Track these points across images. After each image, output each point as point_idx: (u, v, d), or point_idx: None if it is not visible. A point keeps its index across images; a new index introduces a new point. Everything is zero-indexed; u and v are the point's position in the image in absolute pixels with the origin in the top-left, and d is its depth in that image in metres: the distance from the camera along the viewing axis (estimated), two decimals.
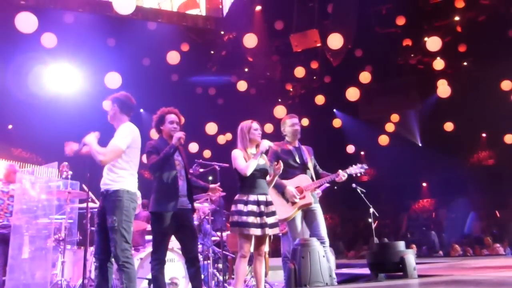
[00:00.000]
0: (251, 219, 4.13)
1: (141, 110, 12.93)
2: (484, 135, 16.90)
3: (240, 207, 4.20)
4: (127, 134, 3.87)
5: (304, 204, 4.60)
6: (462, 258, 9.01)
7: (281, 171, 4.34)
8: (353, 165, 4.77)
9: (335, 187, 5.68)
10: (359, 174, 4.80)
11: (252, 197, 4.22)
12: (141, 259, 5.13)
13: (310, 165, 4.83)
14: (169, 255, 4.86)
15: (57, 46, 9.09)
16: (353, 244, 16.33)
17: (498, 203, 16.64)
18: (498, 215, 16.53)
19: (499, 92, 12.39)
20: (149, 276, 4.48)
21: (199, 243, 5.98)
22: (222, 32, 12.79)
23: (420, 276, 4.08)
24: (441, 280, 3.45)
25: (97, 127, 4.04)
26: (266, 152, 4.53)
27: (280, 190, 4.63)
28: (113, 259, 3.82)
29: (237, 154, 4.35)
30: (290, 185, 4.63)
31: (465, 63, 14.02)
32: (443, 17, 12.48)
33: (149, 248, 5.11)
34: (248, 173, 4.21)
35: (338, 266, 6.00)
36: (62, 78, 10.22)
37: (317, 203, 4.75)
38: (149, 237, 5.79)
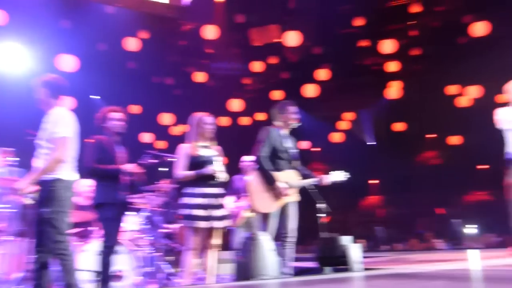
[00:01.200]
0: (198, 211, 4.13)
1: (95, 97, 12.57)
2: (431, 136, 17.63)
3: (187, 199, 4.20)
4: (66, 120, 3.71)
5: (289, 202, 4.52)
6: (406, 252, 9.41)
7: None
8: (335, 171, 4.80)
9: None
10: (339, 181, 4.82)
11: (201, 190, 4.22)
12: (86, 250, 5.00)
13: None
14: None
15: (8, 24, 8.67)
16: (303, 238, 16.64)
17: (441, 201, 17.45)
18: (440, 212, 17.32)
19: (447, 96, 12.97)
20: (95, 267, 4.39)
21: (149, 235, 5.92)
22: (183, 22, 12.61)
23: (364, 269, 4.24)
24: (383, 273, 3.60)
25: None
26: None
27: (270, 183, 4.39)
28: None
29: (180, 152, 4.36)
30: (278, 179, 4.44)
31: (417, 67, 14.51)
32: (399, 21, 12.86)
33: (94, 239, 4.99)
34: (179, 178, 4.32)
35: None
36: (10, 57, 9.74)
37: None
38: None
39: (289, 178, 4.46)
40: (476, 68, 12.03)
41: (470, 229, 15.10)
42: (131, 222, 5.62)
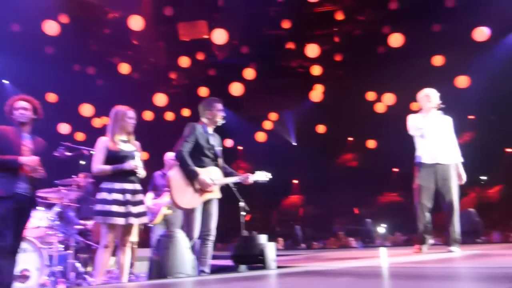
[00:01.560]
0: (114, 208, 4.02)
1: (6, 81, 11.71)
2: (350, 139, 18.47)
3: (105, 195, 4.07)
4: None
5: (212, 198, 4.44)
6: (322, 251, 9.78)
7: None
8: (259, 172, 4.81)
9: None
10: (261, 181, 4.83)
11: (118, 185, 4.11)
12: None
13: (220, 155, 4.62)
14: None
15: None
16: (224, 236, 16.70)
17: (357, 202, 18.34)
18: (356, 212, 18.20)
19: (366, 101, 13.65)
20: None
21: (60, 231, 5.64)
22: (108, 9, 12.09)
23: (278, 267, 4.34)
24: (296, 271, 3.71)
25: None
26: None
27: (192, 178, 4.27)
28: None
29: (100, 145, 4.23)
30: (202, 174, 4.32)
31: (339, 72, 15.09)
32: (324, 27, 13.29)
33: None
34: (96, 174, 4.21)
35: None
36: None
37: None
38: None
39: (211, 175, 4.40)
40: (392, 76, 12.77)
41: (382, 228, 16.04)
42: (38, 218, 5.33)
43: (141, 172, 4.31)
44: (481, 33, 10.07)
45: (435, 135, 5.16)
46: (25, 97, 4.11)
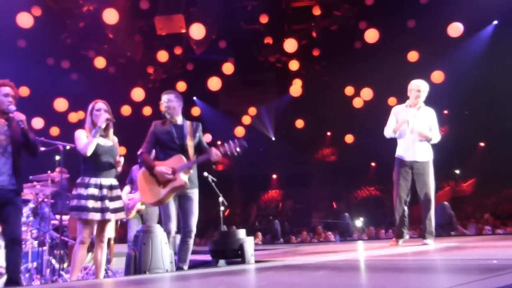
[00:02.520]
0: (91, 203, 3.96)
1: None
2: (329, 133, 18.63)
3: (81, 190, 4.01)
4: None
5: (177, 186, 4.15)
6: (299, 245, 9.83)
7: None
8: (230, 142, 4.30)
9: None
10: (235, 153, 4.29)
11: (94, 180, 4.06)
12: None
13: (190, 144, 4.36)
14: None
15: None
16: (203, 231, 16.68)
17: (335, 196, 18.53)
18: (334, 206, 18.40)
19: (344, 96, 13.75)
20: None
21: (35, 228, 5.53)
22: (81, 2, 11.84)
23: (256, 261, 4.35)
24: (274, 265, 3.73)
25: None
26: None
27: (152, 172, 4.19)
28: None
29: (79, 135, 4.17)
30: (162, 166, 4.19)
31: (317, 67, 15.16)
32: (301, 22, 13.32)
33: None
34: (88, 152, 4.05)
35: None
36: None
37: (194, 188, 4.36)
38: None
39: (175, 164, 4.24)
40: (368, 71, 12.92)
41: (359, 222, 16.23)
42: None
43: (118, 168, 4.26)
44: (455, 29, 10.24)
45: (412, 132, 5.22)
46: (10, 83, 3.98)
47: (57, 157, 6.52)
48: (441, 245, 5.09)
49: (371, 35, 10.73)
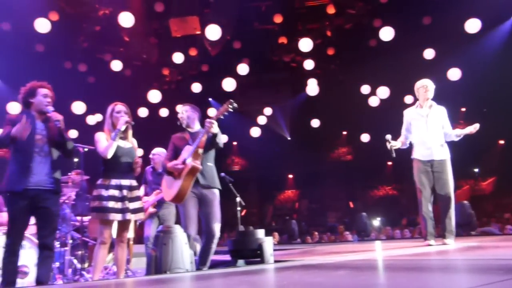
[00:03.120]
0: (111, 204, 4.01)
1: None
2: (344, 133, 18.52)
3: (101, 191, 4.06)
4: None
5: (188, 170, 4.27)
6: (317, 245, 9.81)
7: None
8: (220, 106, 4.49)
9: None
10: (226, 114, 4.42)
11: (114, 181, 4.11)
12: None
13: (201, 150, 4.39)
14: None
15: None
16: (221, 231, 16.75)
17: (351, 195, 18.43)
18: (351, 205, 18.30)
19: (360, 95, 13.66)
20: None
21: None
22: (98, 6, 12.01)
23: (275, 261, 4.36)
24: (292, 265, 3.73)
25: None
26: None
27: (168, 173, 4.49)
28: None
29: (99, 137, 4.23)
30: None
31: (332, 66, 15.10)
32: (315, 21, 13.30)
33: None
34: (109, 155, 4.11)
35: None
36: None
37: (213, 188, 4.48)
38: None
39: (184, 154, 4.44)
40: (384, 69, 12.81)
41: (376, 222, 16.13)
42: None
43: (137, 168, 4.31)
44: (473, 25, 10.09)
45: (429, 130, 5.20)
46: (48, 86, 4.13)
47: (76, 159, 6.63)
48: (461, 244, 5.03)
49: (386, 33, 10.63)
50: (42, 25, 9.82)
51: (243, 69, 12.50)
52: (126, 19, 9.63)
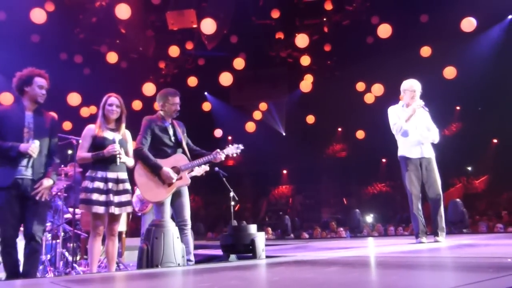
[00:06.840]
0: (95, 196, 4.00)
1: None
2: (339, 129, 18.54)
3: (87, 183, 4.05)
4: None
5: (181, 185, 4.39)
6: (309, 240, 9.83)
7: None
8: (230, 145, 4.71)
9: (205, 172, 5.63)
10: (234, 155, 4.73)
11: (100, 174, 4.10)
12: None
13: (184, 142, 4.57)
14: None
15: None
16: (214, 226, 16.76)
17: (345, 192, 18.48)
18: (345, 202, 18.35)
19: (355, 92, 13.67)
20: None
21: (48, 221, 5.60)
22: None
23: (267, 257, 4.36)
24: (285, 260, 3.73)
25: None
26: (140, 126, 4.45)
27: (156, 171, 4.30)
28: None
29: (85, 133, 4.24)
30: (166, 165, 4.33)
31: (328, 62, 15.08)
32: (313, 17, 13.25)
33: None
34: (80, 162, 4.27)
35: (196, 247, 6.13)
36: None
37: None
38: None
39: (178, 163, 4.43)
40: (380, 66, 12.80)
41: (369, 218, 16.18)
42: None
43: (126, 160, 4.26)
44: (469, 24, 10.11)
45: (418, 129, 5.21)
46: (46, 75, 3.98)
47: (70, 151, 6.59)
48: (453, 242, 5.05)
49: (384, 30, 10.63)
50: (38, 16, 9.76)
51: (239, 63, 12.47)
52: (123, 11, 9.58)
